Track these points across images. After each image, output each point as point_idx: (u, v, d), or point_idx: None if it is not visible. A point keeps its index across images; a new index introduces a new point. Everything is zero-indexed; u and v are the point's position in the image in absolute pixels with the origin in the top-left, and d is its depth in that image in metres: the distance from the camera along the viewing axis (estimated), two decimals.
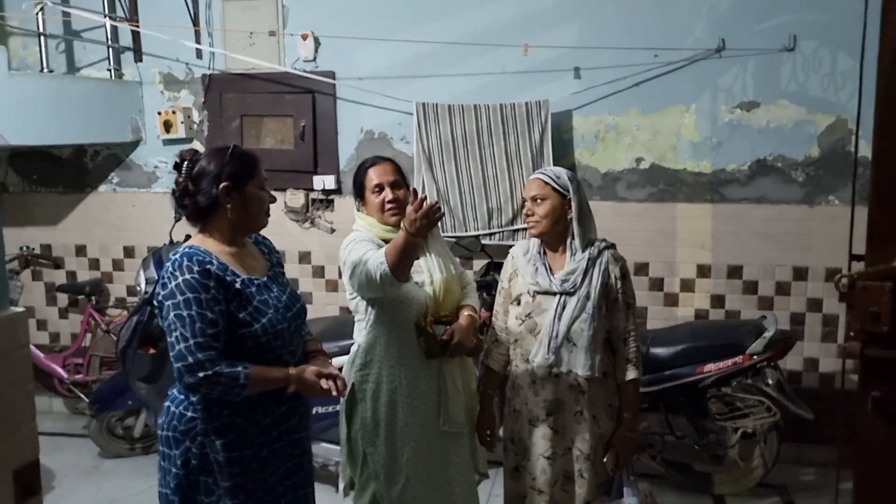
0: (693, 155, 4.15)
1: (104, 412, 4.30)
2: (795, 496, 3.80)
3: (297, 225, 4.63)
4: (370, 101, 4.42)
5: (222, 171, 2.09)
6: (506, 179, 4.19)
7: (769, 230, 4.09)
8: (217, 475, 2.06)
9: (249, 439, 2.07)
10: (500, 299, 2.67)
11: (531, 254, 2.58)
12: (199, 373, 1.92)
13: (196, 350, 1.93)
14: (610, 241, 2.61)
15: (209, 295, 1.98)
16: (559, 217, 2.51)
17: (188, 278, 1.98)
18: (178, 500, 2.09)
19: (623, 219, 4.21)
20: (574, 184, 2.53)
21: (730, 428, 3.69)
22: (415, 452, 2.57)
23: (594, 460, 2.52)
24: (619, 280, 2.54)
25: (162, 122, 4.63)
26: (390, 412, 2.55)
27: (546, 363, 2.47)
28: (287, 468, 2.17)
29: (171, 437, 2.09)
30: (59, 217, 4.94)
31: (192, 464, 2.07)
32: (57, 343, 5.04)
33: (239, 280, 2.07)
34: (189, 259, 2.02)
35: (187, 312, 1.95)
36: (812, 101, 3.98)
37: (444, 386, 2.60)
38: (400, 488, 2.58)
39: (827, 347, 4.12)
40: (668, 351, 3.68)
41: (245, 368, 1.98)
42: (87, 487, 4.02)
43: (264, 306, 2.08)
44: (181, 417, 2.08)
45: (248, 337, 2.04)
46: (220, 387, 1.95)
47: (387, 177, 2.60)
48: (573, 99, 4.21)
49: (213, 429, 2.05)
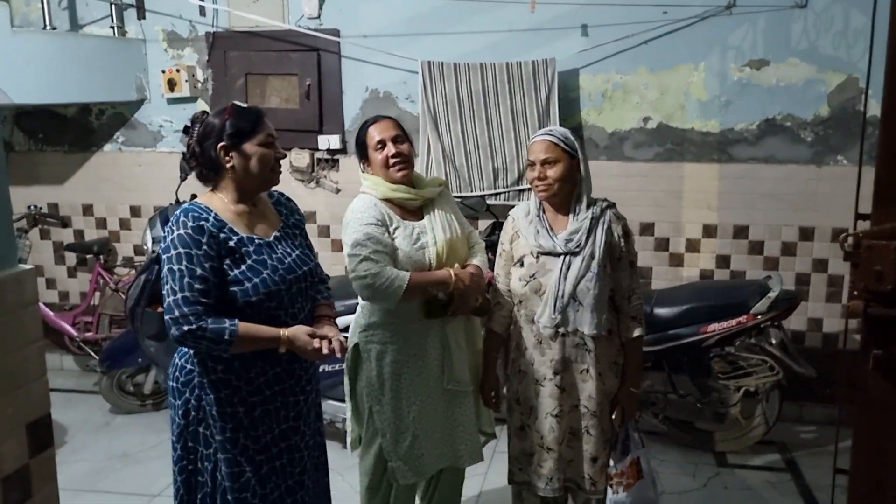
0: (701, 114, 4.11)
1: (114, 369, 4.36)
2: (795, 453, 3.85)
3: (303, 185, 4.62)
4: (375, 59, 4.38)
5: (221, 131, 2.10)
6: (512, 139, 4.17)
7: (776, 190, 4.07)
8: (212, 428, 2.10)
9: (242, 397, 2.09)
10: (501, 262, 2.66)
11: (532, 215, 2.58)
12: (183, 326, 1.94)
13: (182, 304, 1.95)
14: (611, 201, 2.60)
15: (200, 251, 2.00)
16: (568, 178, 2.50)
17: (181, 233, 2.00)
18: (180, 448, 2.15)
19: (629, 179, 4.19)
20: (579, 143, 2.52)
21: (732, 387, 3.73)
22: (420, 411, 2.60)
23: (601, 417, 2.55)
24: (623, 238, 2.54)
25: (166, 80, 4.60)
26: (395, 371, 2.58)
27: (552, 323, 2.49)
28: (281, 430, 2.17)
29: (175, 389, 2.15)
30: (65, 176, 4.95)
31: (192, 415, 2.12)
32: (66, 301, 5.09)
33: (235, 238, 2.07)
34: (185, 215, 2.04)
35: (177, 267, 1.98)
36: (823, 60, 3.93)
37: (448, 345, 2.61)
38: (406, 445, 2.61)
39: (831, 307, 4.13)
40: (672, 311, 3.70)
41: (232, 325, 1.98)
42: (98, 442, 4.10)
43: (260, 266, 2.08)
44: (182, 369, 2.13)
45: (238, 296, 2.04)
46: (205, 341, 1.96)
47: (388, 132, 2.57)
48: (580, 57, 4.16)
49: (208, 383, 2.08)
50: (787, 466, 3.74)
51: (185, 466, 2.16)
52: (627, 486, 2.57)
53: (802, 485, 3.56)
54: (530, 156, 2.53)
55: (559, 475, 2.60)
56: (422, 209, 2.65)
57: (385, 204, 2.57)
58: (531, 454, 2.63)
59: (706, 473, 3.67)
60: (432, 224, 2.60)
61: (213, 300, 2.00)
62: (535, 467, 2.61)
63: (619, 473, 2.58)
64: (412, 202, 2.61)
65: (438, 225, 2.61)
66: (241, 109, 2.15)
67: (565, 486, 2.64)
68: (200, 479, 2.15)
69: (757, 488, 3.54)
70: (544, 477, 2.60)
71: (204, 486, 2.14)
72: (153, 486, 3.58)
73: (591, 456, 2.58)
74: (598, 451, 2.57)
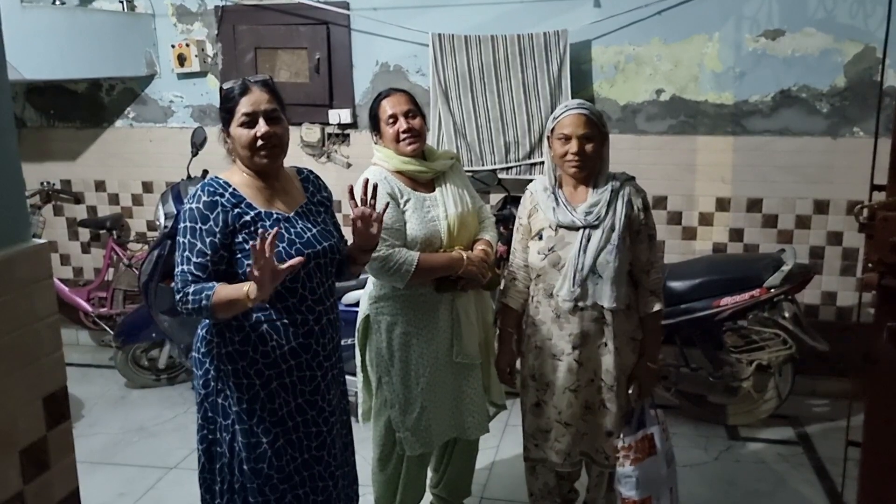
0: (715, 86, 4.06)
1: (129, 344, 4.41)
2: (808, 427, 3.85)
3: (314, 159, 4.61)
4: (385, 32, 4.35)
5: (221, 111, 2.14)
6: (523, 112, 4.13)
7: (791, 163, 4.02)
8: (230, 398, 2.13)
9: (259, 369, 2.11)
10: (519, 236, 2.64)
11: (549, 189, 2.56)
12: (176, 295, 2.02)
13: (179, 277, 2.02)
14: (630, 174, 2.58)
15: (206, 226, 2.02)
16: (602, 155, 2.51)
17: (192, 207, 2.04)
18: (201, 418, 2.19)
19: (642, 152, 4.16)
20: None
21: (745, 360, 3.72)
22: (429, 382, 2.62)
23: (617, 391, 2.55)
24: (642, 212, 2.53)
25: (176, 55, 4.59)
26: (404, 343, 2.59)
27: (571, 297, 2.47)
28: (297, 403, 2.18)
29: (197, 359, 2.19)
30: (77, 152, 4.96)
31: (211, 385, 2.14)
32: (80, 277, 5.13)
33: (252, 212, 2.07)
34: (202, 189, 2.07)
35: (182, 240, 2.03)
36: (840, 29, 3.86)
37: (457, 318, 2.62)
38: (415, 417, 2.63)
39: (845, 281, 4.10)
40: (685, 284, 3.69)
41: (209, 289, 1.96)
42: (114, 416, 4.15)
43: (277, 240, 2.07)
44: (203, 340, 2.16)
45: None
46: (190, 305, 1.99)
47: (400, 106, 2.57)
48: (593, 28, 4.11)
49: (225, 354, 2.11)
50: (799, 440, 3.74)
51: (206, 436, 2.20)
52: (636, 461, 2.56)
53: (815, 458, 3.56)
54: (564, 129, 2.46)
55: (576, 449, 2.61)
56: (433, 182, 2.65)
57: (396, 176, 2.57)
58: (546, 430, 2.62)
59: (718, 446, 3.68)
60: (444, 197, 2.60)
61: (210, 275, 2.01)
62: (552, 443, 2.61)
63: (628, 447, 2.57)
64: (423, 175, 2.61)
65: (450, 198, 2.61)
66: (225, 91, 2.12)
67: (579, 459, 2.65)
68: (219, 450, 2.18)
69: (769, 461, 3.54)
70: (562, 452, 2.60)
71: (222, 455, 2.17)
72: (169, 458, 3.63)
73: (607, 430, 2.58)
74: (613, 425, 2.58)
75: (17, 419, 1.57)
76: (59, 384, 1.68)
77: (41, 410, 1.63)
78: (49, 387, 1.65)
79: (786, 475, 3.43)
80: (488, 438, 3.64)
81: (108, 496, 3.33)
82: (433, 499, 3.04)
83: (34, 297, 1.61)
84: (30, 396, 1.60)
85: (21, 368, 1.57)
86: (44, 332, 1.63)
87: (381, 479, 2.83)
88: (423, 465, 2.83)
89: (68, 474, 1.72)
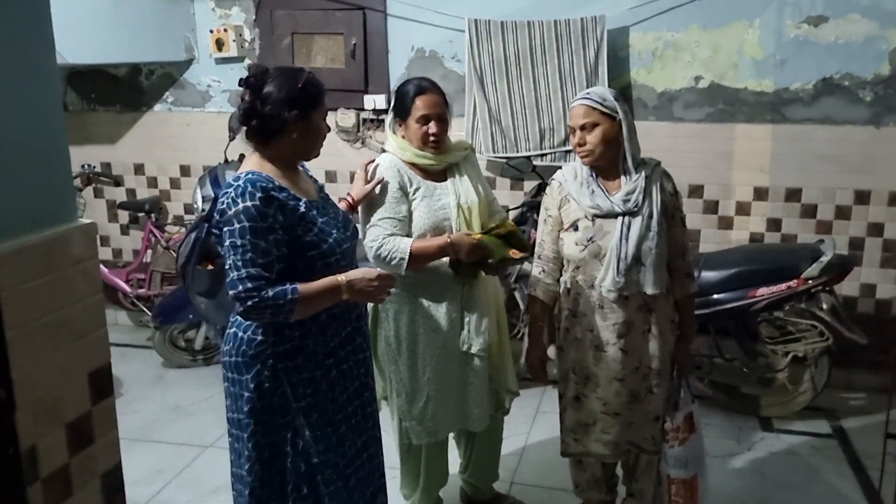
0: (755, 73, 3.99)
1: (166, 325, 4.49)
2: (844, 420, 3.80)
3: (349, 145, 4.64)
4: (421, 17, 4.34)
5: (296, 96, 2.04)
6: (559, 99, 4.11)
7: (832, 152, 3.95)
8: (290, 396, 2.10)
9: (319, 360, 2.11)
10: (548, 227, 2.59)
11: (582, 177, 2.50)
12: (247, 302, 1.94)
13: (246, 279, 1.94)
14: (656, 160, 2.55)
15: (266, 224, 1.97)
16: (611, 141, 2.43)
17: (249, 205, 1.95)
18: (253, 423, 2.09)
19: (679, 140, 4.11)
20: (620, 103, 2.44)
21: (780, 352, 3.68)
22: (435, 372, 2.61)
23: (664, 375, 2.55)
24: (673, 196, 2.51)
25: (214, 40, 4.64)
26: (412, 332, 2.59)
27: (616, 286, 2.43)
28: (354, 388, 2.22)
29: (241, 363, 2.09)
30: (117, 136, 5.05)
31: (265, 386, 2.08)
32: (120, 259, 5.23)
33: (302, 203, 2.06)
34: (253, 185, 1.98)
35: (241, 241, 1.95)
36: (885, 15, 3.77)
37: (466, 307, 2.62)
38: (420, 406, 2.64)
39: (886, 273, 4.02)
40: (720, 274, 3.65)
41: (293, 287, 1.97)
42: (152, 394, 4.24)
43: (328, 227, 2.09)
44: (251, 342, 2.07)
45: (317, 258, 2.05)
46: (269, 310, 1.95)
47: (435, 109, 2.56)
48: (631, 14, 4.06)
49: (283, 351, 2.07)
50: (834, 433, 3.69)
51: (260, 440, 2.11)
52: (683, 441, 2.58)
53: (850, 452, 3.51)
54: (570, 121, 2.48)
55: (623, 438, 2.59)
56: (445, 172, 2.65)
57: (408, 165, 2.59)
58: (588, 423, 2.60)
59: (751, 438, 3.65)
60: (455, 186, 2.61)
61: (276, 273, 1.98)
62: (598, 434, 2.58)
63: (675, 429, 2.59)
64: (435, 167, 2.63)
65: (461, 188, 2.62)
66: (316, 80, 2.11)
67: (627, 448, 2.64)
68: (283, 450, 2.14)
69: (803, 454, 3.51)
70: (611, 443, 2.58)
71: (286, 455, 2.14)
72: (206, 437, 3.70)
73: (655, 415, 2.58)
74: (660, 409, 2.58)
75: (64, 393, 1.61)
76: (103, 361, 1.72)
77: (86, 386, 1.67)
78: (94, 363, 1.69)
79: (820, 468, 3.39)
80: (519, 424, 3.66)
81: (146, 472, 3.41)
82: (462, 484, 3.06)
83: (81, 275, 1.64)
84: (75, 372, 1.64)
85: (68, 344, 1.61)
86: (90, 309, 1.67)
87: (404, 467, 2.86)
88: (441, 452, 2.84)
89: (111, 449, 1.76)
